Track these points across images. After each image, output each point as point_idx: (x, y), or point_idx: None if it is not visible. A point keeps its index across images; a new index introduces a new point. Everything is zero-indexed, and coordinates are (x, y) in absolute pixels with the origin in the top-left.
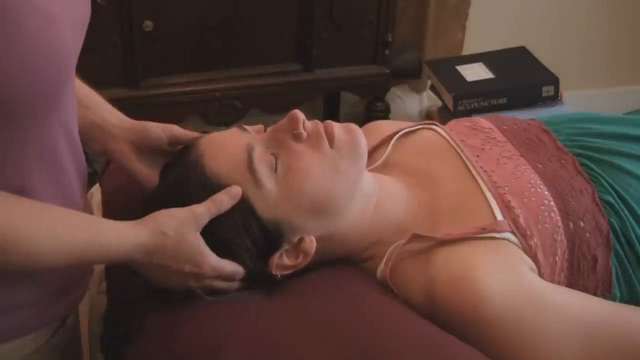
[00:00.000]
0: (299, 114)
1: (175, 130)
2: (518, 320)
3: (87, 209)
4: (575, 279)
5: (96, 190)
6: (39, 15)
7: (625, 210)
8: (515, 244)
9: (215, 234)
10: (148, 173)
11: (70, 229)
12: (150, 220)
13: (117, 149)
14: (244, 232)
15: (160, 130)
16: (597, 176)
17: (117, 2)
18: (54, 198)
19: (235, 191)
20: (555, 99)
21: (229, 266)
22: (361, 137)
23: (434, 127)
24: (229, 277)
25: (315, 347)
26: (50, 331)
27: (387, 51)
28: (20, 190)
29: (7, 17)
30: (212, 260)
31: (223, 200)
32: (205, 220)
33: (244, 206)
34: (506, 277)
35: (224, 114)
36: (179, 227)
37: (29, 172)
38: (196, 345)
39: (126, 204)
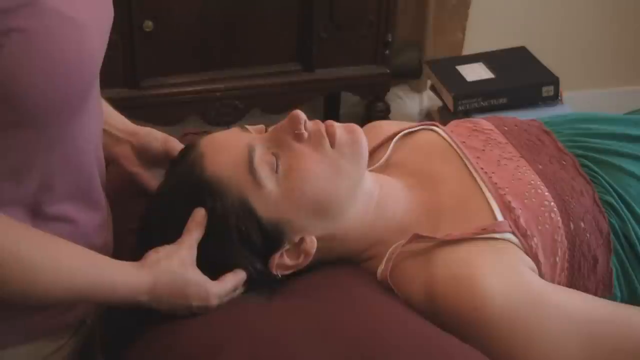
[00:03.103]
0: (300, 114)
1: (171, 144)
2: (518, 320)
3: (109, 213)
4: (575, 279)
5: None
6: (70, 25)
7: (626, 211)
8: (516, 245)
9: (213, 245)
10: (150, 177)
11: (73, 264)
12: (151, 264)
13: (122, 152)
14: (243, 237)
15: (159, 143)
16: (598, 177)
17: (117, 2)
18: (74, 199)
19: (199, 214)
20: (555, 99)
21: (231, 282)
22: (362, 137)
23: (434, 128)
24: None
25: (315, 347)
26: (71, 332)
27: (387, 51)
28: (44, 189)
29: (40, 29)
30: (216, 290)
31: (195, 229)
32: (194, 248)
33: (244, 207)
34: (507, 277)
35: (224, 114)
36: (181, 264)
37: (52, 175)
38: (196, 346)
39: (126, 203)
